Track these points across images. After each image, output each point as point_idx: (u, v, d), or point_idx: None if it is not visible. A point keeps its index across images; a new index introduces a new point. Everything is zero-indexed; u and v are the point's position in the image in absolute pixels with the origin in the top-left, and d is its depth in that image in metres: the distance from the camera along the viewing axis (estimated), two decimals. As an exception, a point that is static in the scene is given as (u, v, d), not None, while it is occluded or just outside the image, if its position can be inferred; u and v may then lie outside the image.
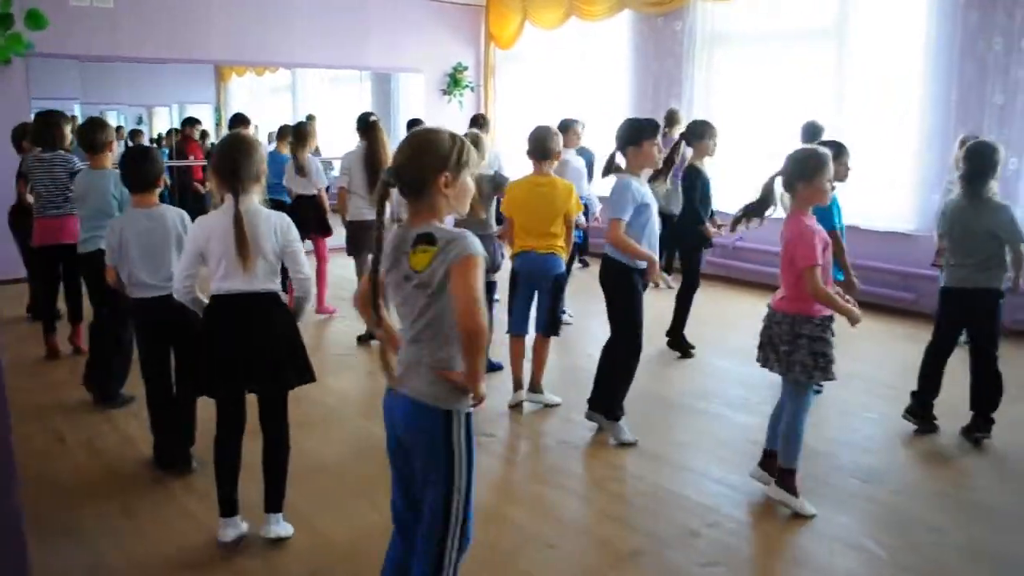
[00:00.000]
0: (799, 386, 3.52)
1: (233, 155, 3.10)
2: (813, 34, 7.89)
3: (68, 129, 5.49)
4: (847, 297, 3.54)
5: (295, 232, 3.24)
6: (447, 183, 2.17)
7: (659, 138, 4.19)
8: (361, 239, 6.14)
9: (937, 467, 4.11)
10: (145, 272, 3.79)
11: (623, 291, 4.24)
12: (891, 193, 7.34)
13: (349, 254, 6.52)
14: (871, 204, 7.21)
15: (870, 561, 3.22)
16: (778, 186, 3.52)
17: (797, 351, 3.44)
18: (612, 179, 4.23)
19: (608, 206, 4.22)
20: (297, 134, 6.92)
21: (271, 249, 3.14)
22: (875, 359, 5.90)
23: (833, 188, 3.42)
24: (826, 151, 3.46)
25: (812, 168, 3.40)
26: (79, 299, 5.53)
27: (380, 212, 2.23)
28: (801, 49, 8.02)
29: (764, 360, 3.59)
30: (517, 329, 4.85)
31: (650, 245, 4.13)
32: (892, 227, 7.25)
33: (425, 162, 2.17)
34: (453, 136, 2.22)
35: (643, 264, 4.13)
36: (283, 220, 3.21)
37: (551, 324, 4.77)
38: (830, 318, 3.46)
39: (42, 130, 5.40)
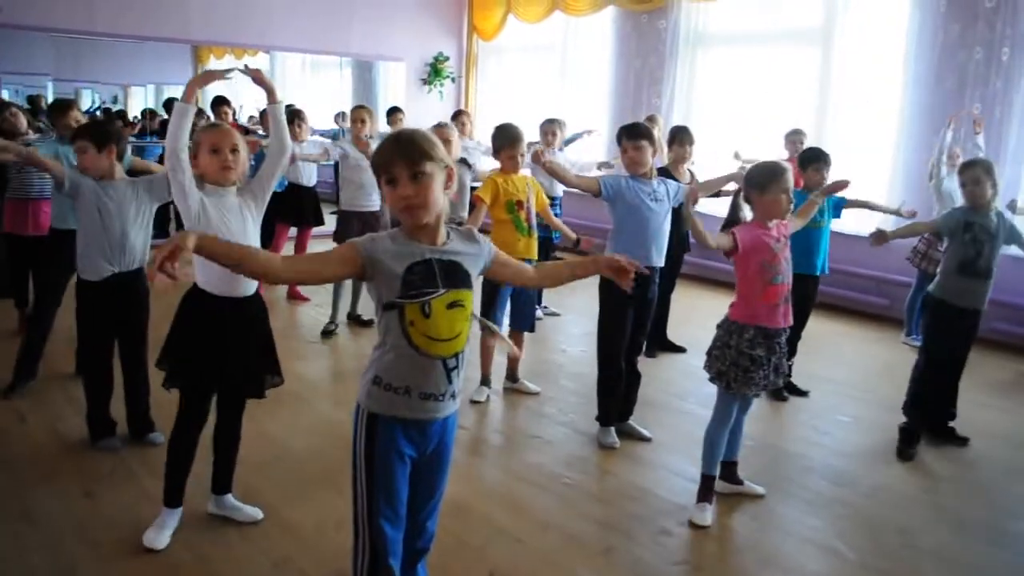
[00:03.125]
0: (720, 394, 3.55)
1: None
2: (797, 38, 7.89)
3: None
4: None
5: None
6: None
7: (635, 142, 4.02)
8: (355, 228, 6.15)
9: (908, 471, 4.12)
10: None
11: (602, 299, 4.19)
12: (867, 199, 7.34)
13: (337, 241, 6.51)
14: (847, 209, 7.22)
15: (840, 563, 3.21)
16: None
17: (721, 358, 3.47)
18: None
19: None
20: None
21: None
22: (848, 363, 5.93)
23: (791, 201, 3.44)
24: (783, 165, 3.47)
25: (764, 180, 3.39)
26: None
27: None
28: (785, 52, 8.02)
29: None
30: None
31: (646, 244, 4.03)
32: (867, 232, 7.24)
33: None
34: (384, 140, 2.16)
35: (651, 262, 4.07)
36: (248, 185, 3.20)
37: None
38: (763, 332, 3.41)
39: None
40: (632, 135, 4.05)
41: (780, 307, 3.44)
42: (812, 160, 4.86)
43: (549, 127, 6.71)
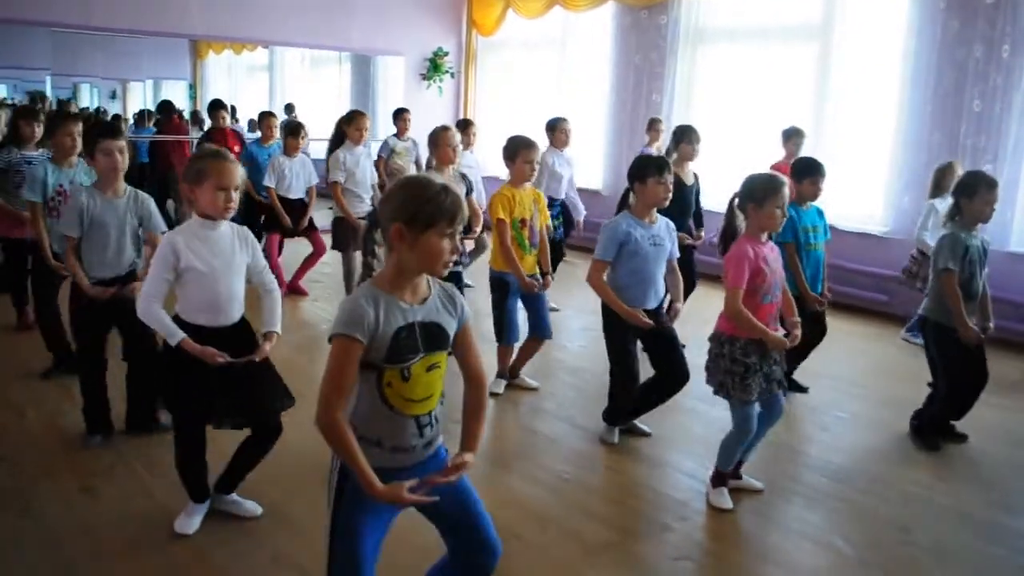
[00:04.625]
0: (731, 404, 3.53)
1: None
2: (797, 34, 7.88)
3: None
4: (795, 320, 3.54)
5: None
6: (401, 235, 2.01)
7: (667, 176, 3.91)
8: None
9: (907, 467, 4.12)
10: None
11: (608, 330, 4.11)
12: (866, 195, 7.38)
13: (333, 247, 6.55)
14: (845, 205, 7.23)
15: (838, 559, 3.22)
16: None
17: (716, 369, 3.48)
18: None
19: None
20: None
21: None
22: (846, 359, 5.92)
23: (784, 215, 3.43)
24: (781, 178, 3.44)
25: (762, 193, 3.38)
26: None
27: (367, 252, 2.15)
28: (785, 48, 8.01)
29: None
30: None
31: (642, 288, 3.97)
32: (866, 229, 7.28)
33: (387, 206, 2.07)
34: (427, 187, 2.02)
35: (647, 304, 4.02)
36: (247, 232, 3.20)
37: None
38: (755, 341, 3.41)
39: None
40: (660, 170, 3.91)
41: (770, 325, 3.45)
42: (808, 172, 4.68)
43: (564, 124, 6.68)
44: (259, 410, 3.17)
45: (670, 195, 3.98)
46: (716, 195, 7.78)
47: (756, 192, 3.39)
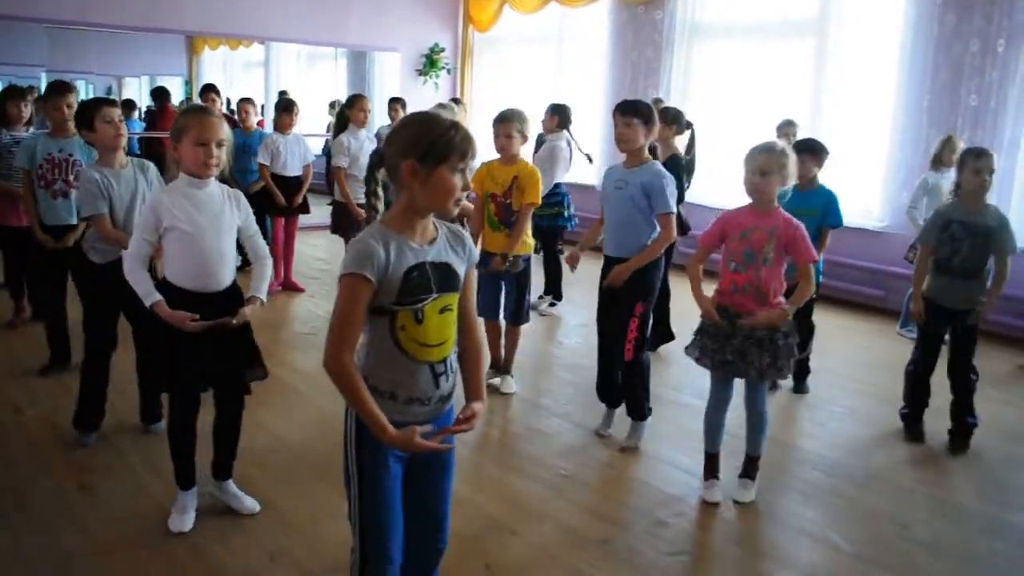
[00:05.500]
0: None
1: None
2: (793, 29, 7.89)
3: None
4: (779, 302, 3.48)
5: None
6: (413, 172, 1.98)
7: (619, 118, 3.89)
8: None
9: (903, 462, 4.13)
10: None
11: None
12: (862, 190, 7.38)
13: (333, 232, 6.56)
14: (842, 200, 7.20)
15: (834, 554, 3.22)
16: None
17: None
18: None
19: None
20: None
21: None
22: (843, 354, 5.94)
23: (758, 186, 3.44)
24: (760, 146, 3.46)
25: (745, 158, 3.46)
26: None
27: (369, 192, 2.13)
28: (781, 44, 8.02)
29: None
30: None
31: (608, 233, 4.05)
32: (863, 224, 7.28)
33: (396, 144, 2.03)
34: (437, 123, 2.01)
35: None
36: (239, 194, 3.16)
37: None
38: (722, 308, 3.48)
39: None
40: (621, 111, 3.92)
41: (735, 294, 3.47)
42: (800, 151, 4.73)
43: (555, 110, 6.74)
44: (223, 374, 3.11)
45: (628, 139, 3.90)
46: (714, 192, 7.84)
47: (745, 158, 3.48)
